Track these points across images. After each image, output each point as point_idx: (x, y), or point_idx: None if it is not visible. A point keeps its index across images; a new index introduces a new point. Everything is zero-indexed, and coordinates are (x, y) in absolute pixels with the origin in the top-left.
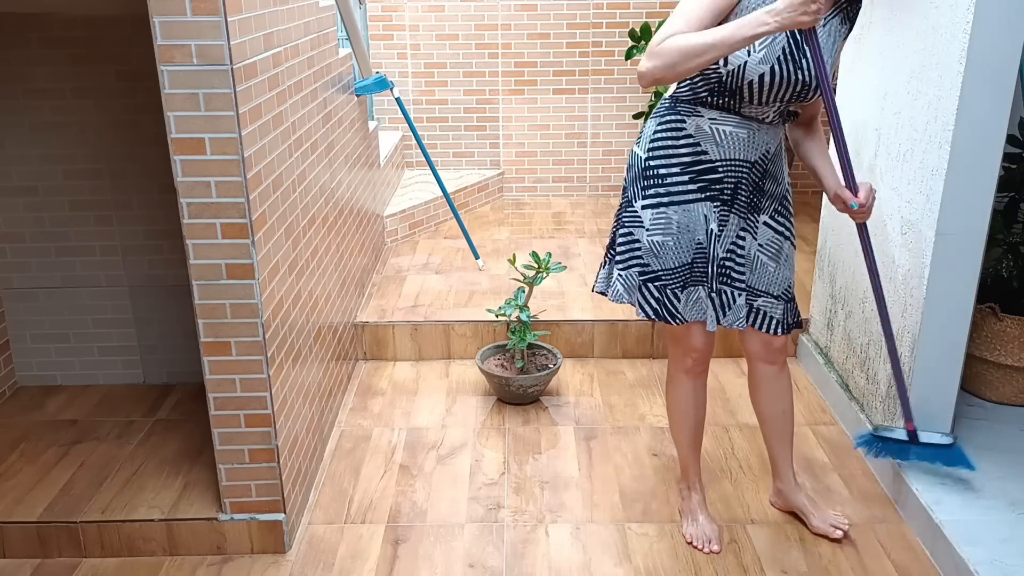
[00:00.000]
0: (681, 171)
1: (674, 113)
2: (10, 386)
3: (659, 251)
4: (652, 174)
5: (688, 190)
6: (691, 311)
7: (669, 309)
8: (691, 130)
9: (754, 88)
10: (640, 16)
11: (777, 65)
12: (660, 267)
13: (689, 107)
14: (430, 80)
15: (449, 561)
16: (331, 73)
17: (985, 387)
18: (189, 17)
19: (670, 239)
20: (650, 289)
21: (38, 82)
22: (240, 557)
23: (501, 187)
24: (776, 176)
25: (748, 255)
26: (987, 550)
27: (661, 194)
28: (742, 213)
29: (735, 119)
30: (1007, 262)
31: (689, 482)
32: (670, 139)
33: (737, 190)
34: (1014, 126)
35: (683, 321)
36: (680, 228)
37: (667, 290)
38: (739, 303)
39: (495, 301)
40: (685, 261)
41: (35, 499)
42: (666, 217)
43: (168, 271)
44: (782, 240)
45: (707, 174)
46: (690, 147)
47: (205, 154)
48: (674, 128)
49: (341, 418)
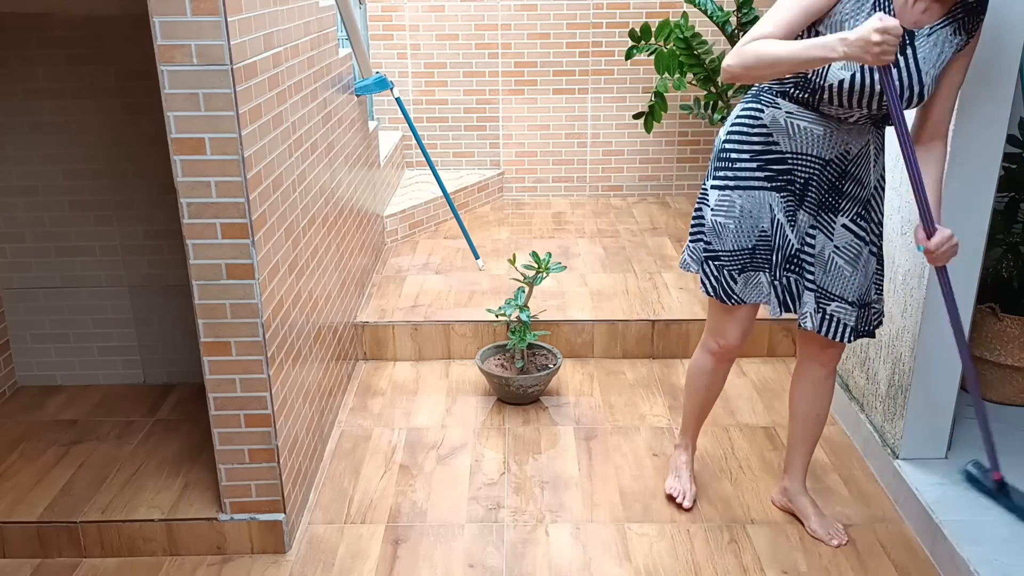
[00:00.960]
0: (751, 158)
1: (755, 101)
2: (10, 386)
3: (720, 232)
4: (725, 157)
5: (755, 177)
6: (750, 293)
7: (726, 289)
8: (767, 120)
9: (833, 91)
10: (640, 16)
11: (860, 73)
12: (720, 247)
13: (770, 97)
14: (430, 80)
15: (449, 561)
16: (331, 73)
17: (985, 387)
18: (189, 17)
19: (732, 222)
20: (711, 267)
21: (38, 82)
22: (240, 557)
23: (501, 187)
24: (860, 178)
25: (820, 255)
26: (987, 550)
27: (729, 177)
28: (812, 210)
29: (812, 115)
30: (1007, 262)
31: (685, 443)
32: (746, 126)
33: (808, 186)
34: (1014, 126)
35: (739, 301)
36: (743, 213)
37: (725, 271)
38: (806, 299)
39: (495, 301)
40: (746, 246)
41: (35, 499)
42: (730, 200)
43: (168, 271)
44: (862, 245)
45: (775, 164)
46: (762, 136)
47: (205, 154)
48: (751, 116)
49: (341, 418)
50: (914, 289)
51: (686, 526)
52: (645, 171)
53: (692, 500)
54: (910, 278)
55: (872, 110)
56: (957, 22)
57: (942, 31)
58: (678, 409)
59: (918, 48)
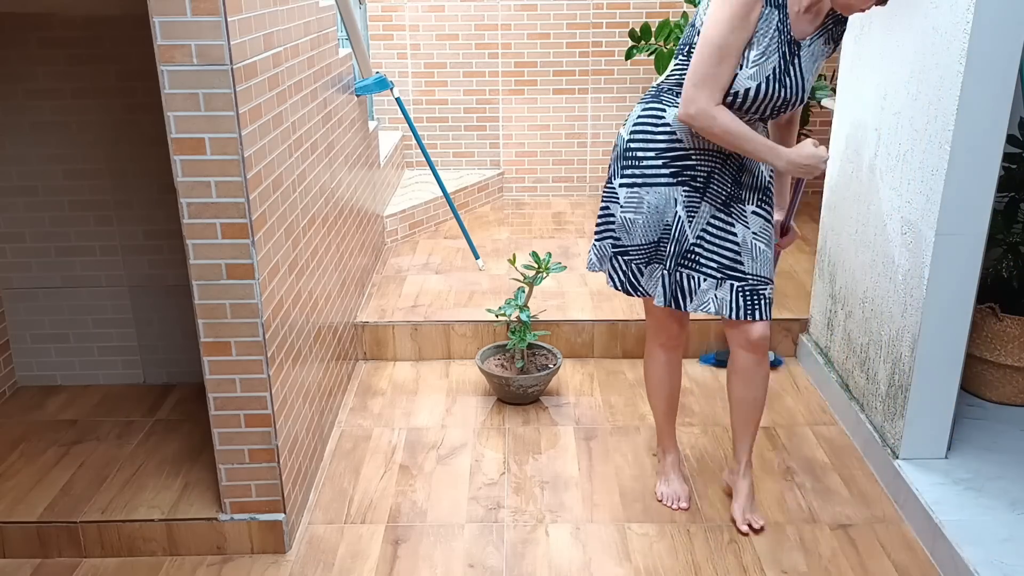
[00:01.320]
0: (656, 156)
1: (657, 102)
2: (10, 386)
3: (629, 227)
4: (631, 156)
5: (661, 174)
6: (653, 286)
7: (633, 282)
8: (669, 119)
9: (739, 98)
10: (640, 16)
11: (765, 83)
12: (629, 242)
13: (672, 98)
14: (430, 80)
15: (449, 561)
16: (331, 73)
17: (985, 387)
18: (189, 17)
19: (640, 217)
20: (620, 262)
21: (38, 82)
22: (240, 557)
23: (501, 187)
24: (752, 169)
25: (744, 244)
26: (987, 550)
27: (636, 175)
28: (719, 203)
29: None
30: (1007, 262)
31: (664, 446)
32: (650, 125)
33: (710, 179)
34: (1014, 126)
35: (644, 294)
36: (651, 208)
37: (632, 264)
38: (704, 287)
39: (495, 301)
40: (652, 239)
41: (35, 499)
42: (638, 196)
43: (168, 271)
44: (768, 226)
45: (680, 160)
46: (667, 135)
47: (205, 154)
48: (655, 116)
49: (341, 418)
50: (914, 289)
51: (686, 526)
52: None
53: (687, 499)
54: (910, 278)
55: (766, 114)
56: (828, 32)
57: (818, 40)
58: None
59: (803, 59)
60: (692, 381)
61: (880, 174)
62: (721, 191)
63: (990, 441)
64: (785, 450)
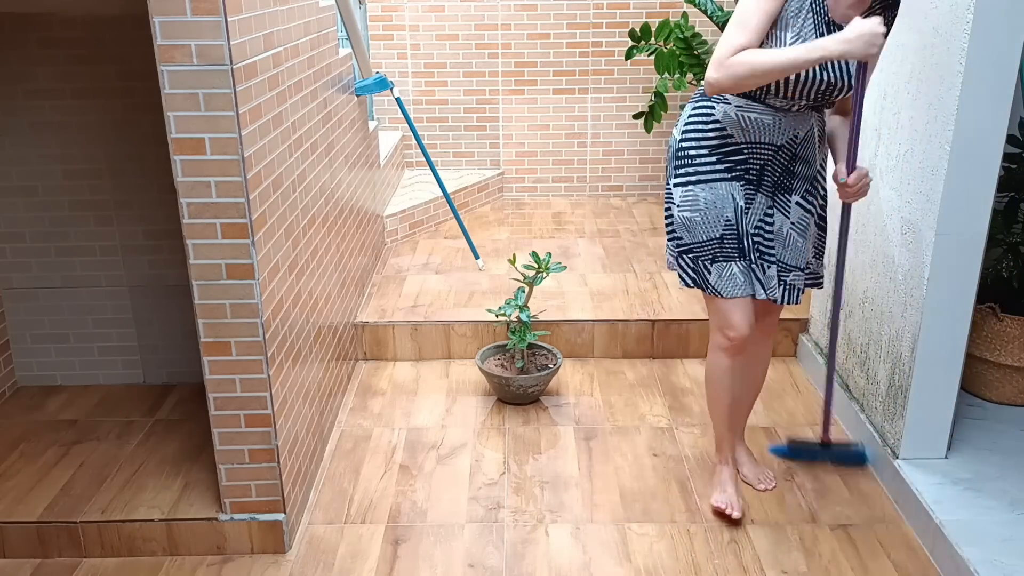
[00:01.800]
0: (709, 152)
1: (706, 100)
2: (10, 386)
3: (689, 225)
4: (683, 155)
5: (715, 170)
6: (725, 284)
7: (704, 279)
8: (719, 115)
9: (780, 84)
10: (640, 16)
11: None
12: (691, 240)
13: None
14: (430, 80)
15: (449, 561)
16: (331, 73)
17: (985, 387)
18: (189, 17)
19: (697, 215)
20: (686, 260)
21: (38, 82)
22: (240, 557)
23: (501, 187)
24: (808, 159)
25: (780, 232)
26: (987, 550)
27: (690, 174)
28: (769, 193)
29: (760, 107)
30: (1007, 262)
31: (723, 456)
32: (701, 123)
33: (763, 171)
34: (1014, 126)
35: (715, 292)
36: (707, 205)
37: (699, 262)
38: (769, 274)
39: (495, 301)
40: (714, 235)
41: (35, 499)
42: (693, 195)
43: (168, 271)
44: (809, 217)
45: (733, 155)
46: (717, 131)
47: (205, 154)
48: (704, 114)
49: (341, 418)
50: (914, 289)
51: (686, 526)
52: (645, 171)
53: (740, 511)
54: (910, 278)
55: (811, 99)
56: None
57: None
58: (678, 409)
59: None
60: (692, 381)
61: (880, 174)
62: (771, 181)
63: (990, 441)
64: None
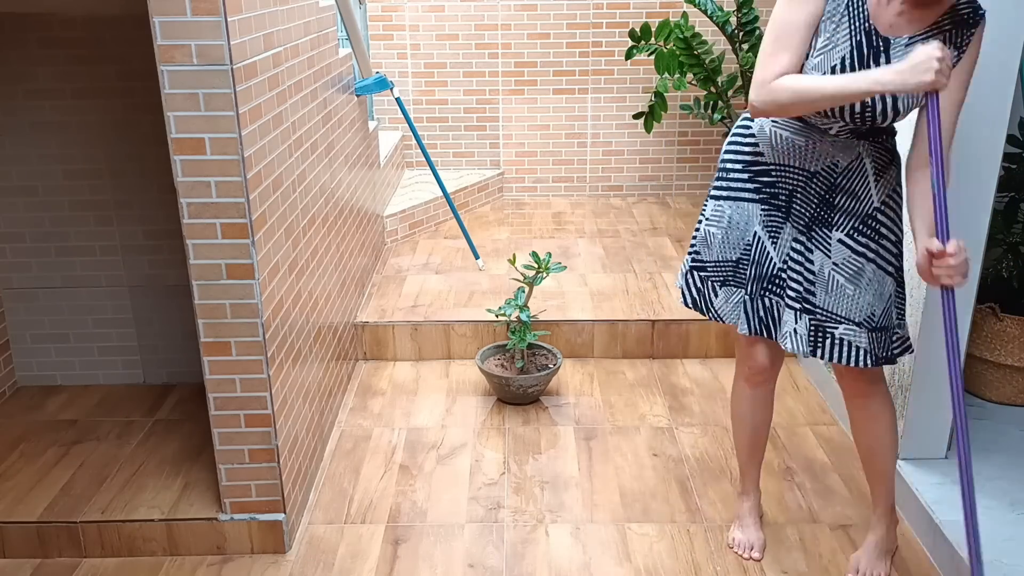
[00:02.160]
0: (743, 168)
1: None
2: (10, 386)
3: (710, 241)
4: (722, 168)
5: (745, 188)
6: (729, 311)
7: (706, 301)
8: (755, 129)
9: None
10: (640, 16)
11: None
12: (708, 257)
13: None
14: (430, 80)
15: (449, 561)
16: (331, 73)
17: (985, 387)
18: (189, 17)
19: (720, 232)
20: (695, 277)
21: (38, 82)
22: (240, 557)
23: (501, 187)
24: (854, 192)
25: (820, 273)
26: (987, 550)
27: (723, 188)
28: (801, 225)
29: (795, 125)
30: (1007, 262)
31: (744, 487)
32: (740, 136)
33: (793, 198)
34: (1014, 126)
35: (716, 317)
36: (731, 223)
37: (708, 282)
38: (785, 318)
39: (495, 301)
40: (730, 258)
41: (35, 499)
42: (721, 210)
43: (168, 271)
44: (864, 262)
45: (762, 176)
46: (751, 146)
47: (205, 154)
48: (744, 126)
49: (341, 418)
50: (914, 289)
51: (686, 526)
52: (645, 171)
53: (761, 549)
54: (910, 278)
55: (854, 122)
56: (944, 34)
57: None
58: (678, 409)
59: (892, 59)
60: (692, 381)
61: None
62: (805, 212)
63: (990, 441)
64: (785, 450)
